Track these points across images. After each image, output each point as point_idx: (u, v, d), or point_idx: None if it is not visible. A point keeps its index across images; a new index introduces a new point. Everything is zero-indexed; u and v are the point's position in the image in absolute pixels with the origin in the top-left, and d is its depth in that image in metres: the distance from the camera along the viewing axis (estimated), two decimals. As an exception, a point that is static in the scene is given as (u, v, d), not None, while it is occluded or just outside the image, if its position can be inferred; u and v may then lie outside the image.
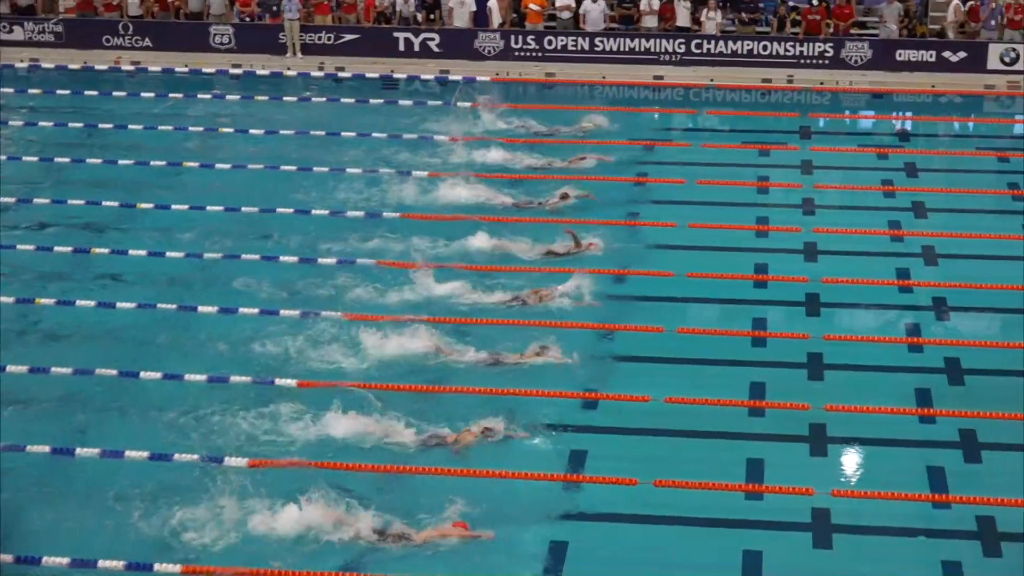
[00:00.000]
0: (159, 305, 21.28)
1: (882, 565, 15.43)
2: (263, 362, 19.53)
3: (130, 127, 30.13)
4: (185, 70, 34.80)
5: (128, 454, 17.12)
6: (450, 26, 36.08)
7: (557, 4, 35.99)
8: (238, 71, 34.80)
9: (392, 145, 28.80)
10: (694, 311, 21.52)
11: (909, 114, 33.13)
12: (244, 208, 25.18)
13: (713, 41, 35.01)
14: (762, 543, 15.66)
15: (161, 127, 30.22)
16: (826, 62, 34.68)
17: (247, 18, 36.63)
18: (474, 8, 35.95)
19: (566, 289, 21.22)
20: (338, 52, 35.71)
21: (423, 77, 34.53)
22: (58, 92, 33.13)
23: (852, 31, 35.67)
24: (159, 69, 35.00)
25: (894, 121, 32.44)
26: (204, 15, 36.81)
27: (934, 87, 33.49)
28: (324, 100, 32.62)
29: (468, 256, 22.88)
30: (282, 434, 17.57)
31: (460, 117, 30.51)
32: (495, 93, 32.15)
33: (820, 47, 34.72)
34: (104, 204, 25.42)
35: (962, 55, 34.34)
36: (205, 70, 34.80)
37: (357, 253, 23.08)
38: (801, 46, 34.76)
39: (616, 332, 20.45)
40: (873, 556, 15.57)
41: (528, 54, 35.39)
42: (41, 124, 30.48)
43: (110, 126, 30.25)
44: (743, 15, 36.19)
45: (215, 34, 36.18)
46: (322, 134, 29.70)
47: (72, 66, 35.16)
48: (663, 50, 35.07)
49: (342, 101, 32.50)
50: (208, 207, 25.22)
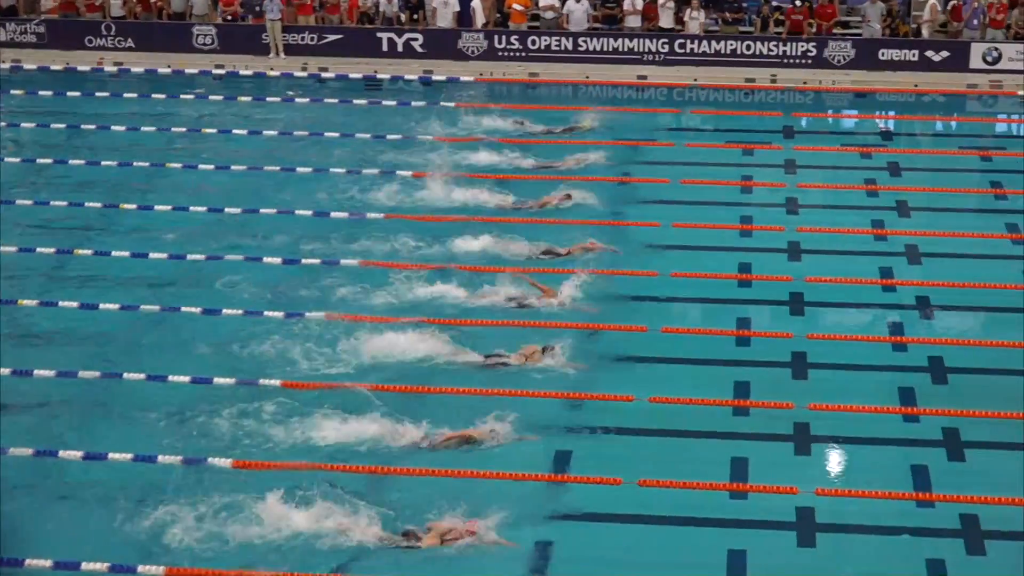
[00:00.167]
0: (142, 306, 21.23)
1: (866, 564, 15.45)
2: (247, 363, 19.50)
3: (113, 128, 30.04)
4: (168, 71, 34.70)
5: (111, 456, 17.09)
6: (433, 26, 36.05)
7: (541, 4, 35.99)
8: (221, 71, 34.73)
9: (376, 145, 28.77)
10: (678, 311, 21.53)
11: (892, 113, 33.21)
12: (228, 209, 25.14)
13: (696, 41, 35.04)
14: (746, 542, 15.67)
15: (144, 128, 30.15)
16: (809, 62, 34.73)
17: (229, 16, 36.52)
18: (458, 8, 35.92)
19: (564, 294, 21.28)
20: (321, 52, 35.65)
21: (407, 77, 34.50)
22: (40, 93, 33.01)
23: (835, 31, 35.72)
24: (142, 70, 34.90)
25: (877, 120, 32.51)
26: (187, 16, 36.73)
27: (917, 86, 33.56)
28: (307, 101, 32.56)
29: (454, 256, 22.86)
30: (265, 435, 17.54)
31: (443, 117, 30.51)
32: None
33: (803, 47, 34.77)
34: (87, 205, 25.37)
35: (945, 54, 34.41)
36: (188, 71, 34.71)
37: (341, 254, 23.07)
38: (784, 46, 34.81)
39: (600, 332, 20.44)
40: (857, 555, 15.60)
41: (512, 54, 35.37)
42: (23, 125, 30.38)
43: (93, 127, 30.16)
44: (726, 15, 36.21)
45: (198, 35, 36.11)
46: (305, 134, 29.67)
47: (54, 67, 35.05)
48: (647, 50, 35.08)
49: (325, 101, 32.45)
50: (191, 208, 25.17)
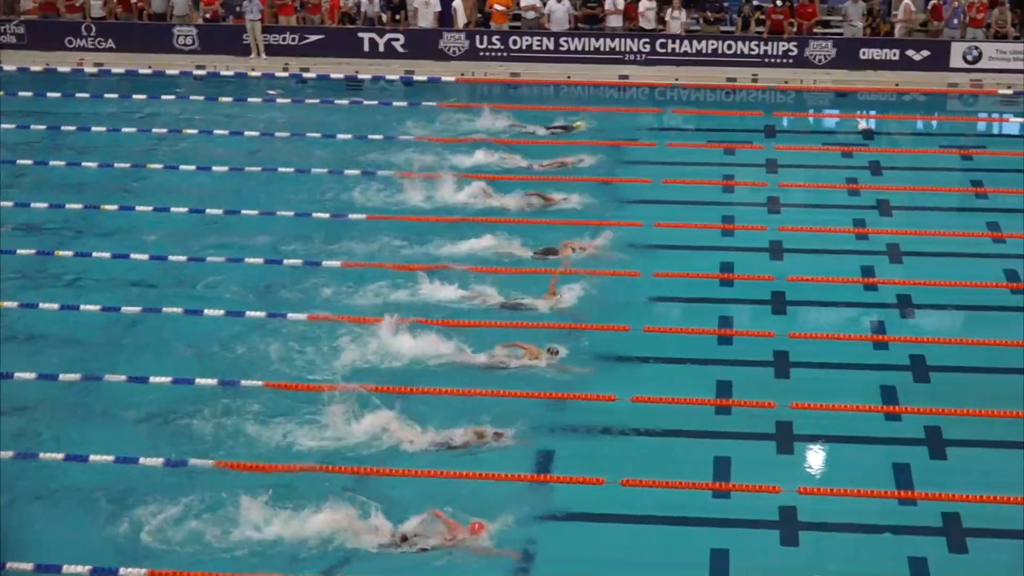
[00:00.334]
0: (124, 308, 21.18)
1: (849, 562, 15.49)
2: (229, 364, 19.47)
3: (94, 129, 29.95)
4: (149, 71, 34.63)
5: (92, 458, 17.05)
6: (415, 26, 36.03)
7: (522, 4, 36.00)
8: (202, 72, 34.65)
9: (358, 145, 28.75)
10: (660, 310, 21.52)
11: (873, 112, 33.27)
12: (209, 210, 25.09)
13: (678, 40, 35.07)
14: (729, 541, 15.70)
15: (125, 129, 30.08)
16: (790, 61, 34.78)
17: (208, 15, 36.42)
18: (439, 8, 35.90)
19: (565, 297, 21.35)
20: (303, 53, 35.60)
21: (388, 77, 34.46)
22: (20, 94, 32.87)
23: (816, 30, 35.80)
24: (122, 71, 34.82)
25: (858, 120, 32.55)
26: (167, 16, 36.64)
27: (898, 85, 33.63)
28: (289, 101, 32.50)
29: (438, 257, 22.84)
30: (247, 436, 17.52)
31: (425, 117, 30.52)
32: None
33: (784, 46, 34.83)
34: (68, 206, 25.28)
35: (925, 53, 34.50)
36: (169, 71, 34.62)
37: (323, 255, 23.04)
38: (765, 45, 34.86)
39: (583, 332, 20.43)
40: (840, 553, 15.64)
41: (493, 54, 35.37)
42: (3, 126, 30.21)
43: (73, 128, 30.05)
44: (708, 14, 36.26)
45: (178, 35, 36.02)
46: (287, 135, 29.63)
47: (34, 68, 34.91)
48: (628, 50, 35.11)
49: (307, 102, 32.39)
50: (173, 209, 25.11)
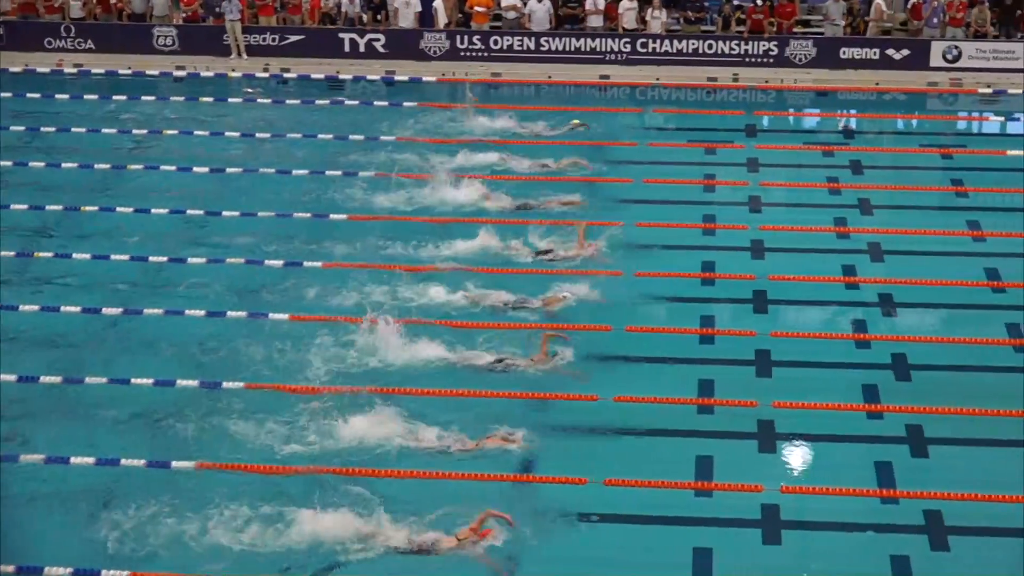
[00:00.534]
0: (104, 309, 21.12)
1: (831, 560, 15.52)
2: (210, 365, 19.44)
3: (73, 130, 29.84)
4: (128, 72, 34.52)
5: (73, 460, 17.00)
6: (395, 26, 35.97)
7: (503, 4, 35.97)
8: (182, 73, 34.56)
9: (339, 146, 28.70)
10: (642, 310, 21.51)
11: (854, 112, 33.31)
12: (190, 211, 25.03)
13: (658, 40, 35.08)
14: (712, 540, 15.73)
15: (104, 130, 29.97)
16: (771, 60, 34.82)
17: (187, 14, 36.30)
18: (420, 8, 35.85)
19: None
20: (283, 53, 35.52)
21: (369, 78, 34.40)
22: (-1, 95, 32.86)
23: (797, 29, 35.84)
24: (102, 71, 34.69)
25: (839, 119, 32.61)
26: (147, 17, 36.54)
27: (878, 84, 33.69)
28: (269, 101, 32.43)
29: (421, 257, 22.84)
30: (230, 437, 17.49)
31: (407, 117, 30.50)
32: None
33: (765, 46, 34.87)
34: (47, 208, 25.19)
35: (905, 53, 34.57)
36: (148, 72, 34.52)
37: (304, 255, 23.00)
38: (746, 45, 34.90)
39: (564, 331, 20.39)
40: (822, 551, 15.67)
41: (474, 54, 35.34)
42: (-18, 128, 30.21)
43: (53, 129, 29.91)
44: (688, 14, 36.28)
45: (158, 36, 35.92)
46: (267, 136, 29.58)
47: (13, 69, 34.72)
48: (609, 49, 35.12)
49: (287, 103, 32.33)
50: (153, 210, 25.04)
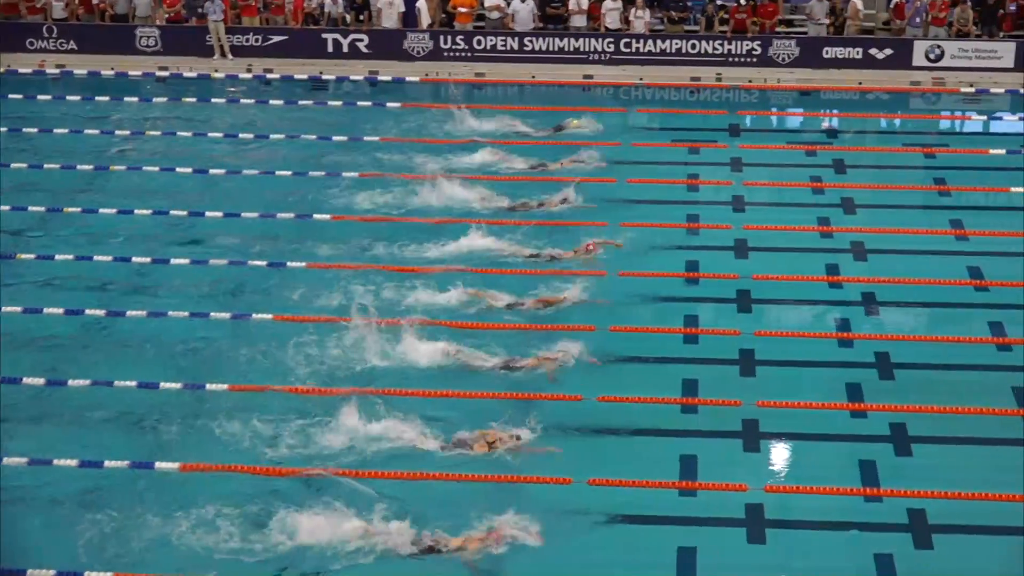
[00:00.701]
0: (87, 310, 21.07)
1: (815, 559, 15.55)
2: (193, 366, 19.42)
3: (56, 131, 29.77)
4: (111, 73, 34.44)
5: (56, 462, 16.97)
6: (379, 27, 35.94)
7: (486, 4, 35.95)
8: (165, 73, 34.49)
9: (322, 146, 28.67)
10: (626, 309, 21.51)
11: (837, 111, 33.34)
12: (173, 211, 24.98)
13: (642, 40, 35.10)
14: (696, 539, 15.74)
15: (87, 130, 29.92)
16: (754, 60, 34.85)
17: (169, 14, 36.22)
18: (403, 9, 35.80)
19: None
20: (266, 54, 35.45)
21: (352, 78, 34.36)
22: (-19, 96, 32.76)
23: (780, 29, 35.89)
24: (84, 72, 34.60)
25: (822, 118, 32.65)
26: (130, 17, 36.44)
27: (861, 84, 33.74)
28: (253, 102, 32.38)
29: (404, 258, 22.81)
30: (213, 438, 17.48)
31: (390, 118, 30.48)
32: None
33: (748, 45, 34.90)
34: (30, 209, 25.12)
35: (888, 52, 34.63)
36: (131, 73, 34.45)
37: (288, 256, 22.97)
38: (729, 44, 34.91)
39: (548, 332, 20.40)
40: (806, 550, 15.69)
41: (457, 54, 35.32)
42: (-36, 129, 30.13)
43: (35, 130, 29.83)
44: (671, 14, 36.29)
45: (141, 36, 35.83)
46: (251, 136, 29.53)
47: (-5, 70, 34.77)
48: (592, 49, 35.12)
49: (271, 103, 32.28)
50: (136, 211, 25.00)
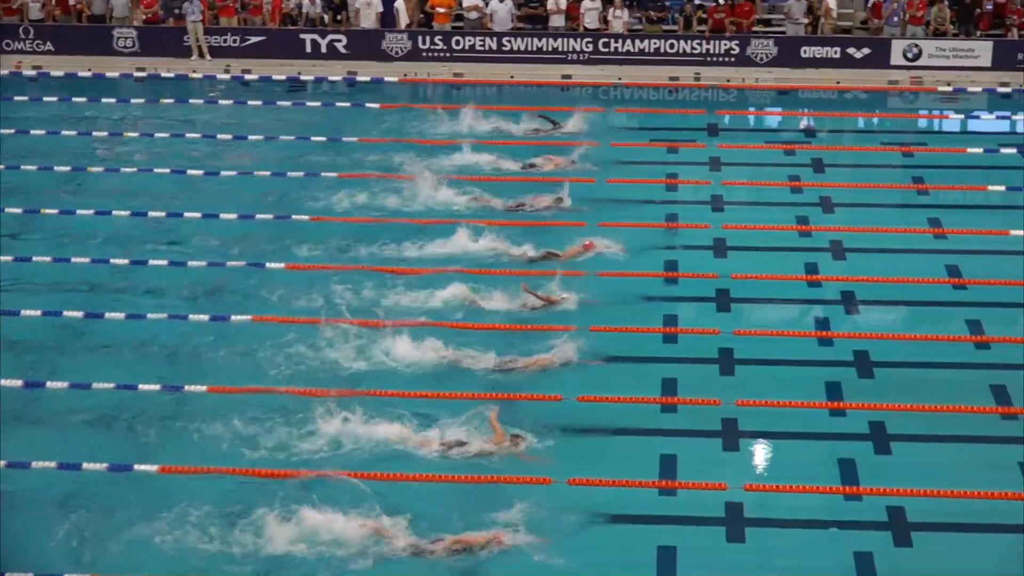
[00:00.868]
0: (65, 312, 21.00)
1: (795, 557, 15.58)
2: (172, 368, 19.37)
3: (33, 132, 29.66)
4: (88, 74, 34.35)
5: (35, 464, 16.92)
6: (357, 27, 35.91)
7: (464, 4, 35.94)
8: (142, 74, 34.40)
9: (300, 147, 28.62)
10: (605, 309, 21.51)
11: (815, 110, 33.39)
12: (151, 213, 24.92)
13: (620, 40, 35.13)
14: (676, 539, 15.75)
15: (65, 132, 29.83)
16: (732, 60, 34.91)
17: (147, 15, 36.12)
18: (381, 9, 35.78)
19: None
20: (244, 54, 35.40)
21: (330, 78, 34.32)
22: (-42, 98, 32.64)
23: (758, 28, 35.95)
24: (62, 73, 34.50)
25: (800, 117, 32.72)
26: (107, 18, 36.35)
27: (839, 83, 33.82)
28: (231, 103, 32.32)
29: (385, 258, 22.80)
30: (192, 440, 17.45)
31: (368, 118, 30.46)
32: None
33: (726, 45, 34.97)
34: (7, 210, 25.03)
35: (866, 51, 34.72)
36: (108, 74, 34.36)
37: (267, 256, 22.93)
38: (707, 44, 34.98)
39: (528, 332, 20.41)
40: (786, 549, 15.71)
41: (436, 54, 35.31)
42: (-59, 131, 29.99)
43: (12, 131, 29.69)
44: (650, 14, 36.33)
45: (118, 37, 35.74)
46: (229, 137, 29.47)
47: (-29, 71, 34.63)
48: (571, 49, 35.15)
49: (249, 103, 32.22)
50: (114, 212, 24.93)
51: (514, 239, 23.28)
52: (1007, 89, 33.23)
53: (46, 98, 32.49)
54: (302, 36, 35.59)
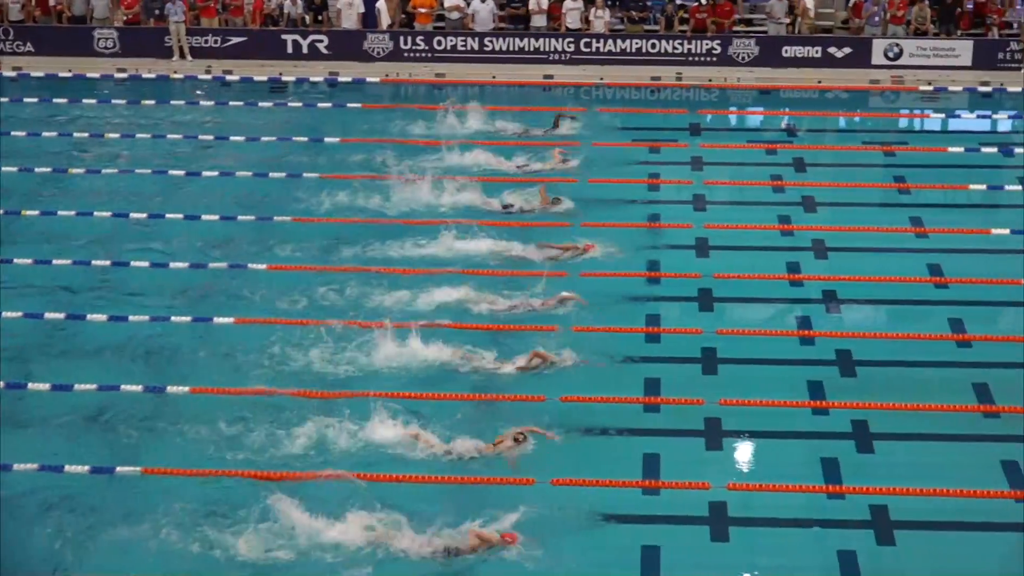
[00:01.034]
0: (47, 314, 20.93)
1: (778, 556, 15.58)
2: (154, 369, 19.32)
3: (13, 133, 29.54)
4: (69, 75, 34.25)
5: (16, 467, 16.86)
6: (338, 27, 35.88)
7: (446, 4, 35.94)
8: (123, 75, 34.32)
9: (282, 147, 28.58)
10: (588, 309, 21.49)
11: (796, 110, 33.44)
12: (133, 214, 24.85)
13: (602, 40, 35.17)
14: (660, 538, 15.75)
15: (45, 133, 29.73)
16: (714, 59, 34.97)
17: (128, 14, 36.04)
18: (362, 9, 35.77)
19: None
20: (225, 55, 35.35)
21: (312, 79, 34.28)
22: (-63, 99, 32.50)
23: (739, 28, 36.02)
24: (42, 74, 34.41)
25: (782, 117, 32.77)
26: (87, 19, 36.26)
27: (820, 83, 33.89)
28: (212, 104, 32.26)
29: (369, 259, 22.77)
30: (175, 441, 17.40)
31: (351, 119, 30.43)
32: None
33: (708, 44, 35.02)
34: (-12, 212, 25.02)
35: (847, 51, 34.82)
36: (89, 75, 34.28)
37: (249, 258, 22.88)
38: (689, 44, 35.03)
39: (510, 332, 20.40)
40: (769, 548, 15.72)
41: (418, 55, 35.31)
42: (-79, 133, 29.86)
43: (-8, 133, 29.72)
44: (631, 14, 36.38)
45: (99, 38, 35.65)
46: (211, 138, 29.41)
47: (-49, 73, 34.51)
48: (552, 49, 35.18)
49: (230, 104, 32.16)
50: (96, 213, 24.85)
51: (502, 238, 23.28)
52: (988, 88, 33.35)
53: (26, 99, 32.39)
54: (283, 37, 35.56)
